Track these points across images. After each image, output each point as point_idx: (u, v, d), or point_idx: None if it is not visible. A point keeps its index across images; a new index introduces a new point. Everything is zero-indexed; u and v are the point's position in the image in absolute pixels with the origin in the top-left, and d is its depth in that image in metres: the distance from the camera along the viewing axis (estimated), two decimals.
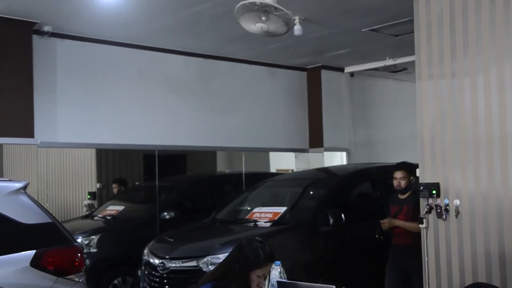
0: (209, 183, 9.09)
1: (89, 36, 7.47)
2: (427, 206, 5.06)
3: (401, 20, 6.94)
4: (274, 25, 5.54)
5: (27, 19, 6.69)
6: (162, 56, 8.18)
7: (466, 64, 4.87)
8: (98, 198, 8.21)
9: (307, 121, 9.85)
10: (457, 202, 4.89)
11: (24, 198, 4.53)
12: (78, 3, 6.22)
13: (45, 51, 7.11)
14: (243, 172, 8.99)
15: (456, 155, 4.92)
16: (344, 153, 10.01)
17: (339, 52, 8.72)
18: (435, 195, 4.99)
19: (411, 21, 5.39)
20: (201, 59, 8.58)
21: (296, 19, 6.56)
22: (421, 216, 5.12)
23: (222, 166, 9.78)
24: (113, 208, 7.93)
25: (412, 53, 5.35)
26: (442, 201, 4.98)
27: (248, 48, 8.32)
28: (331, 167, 8.41)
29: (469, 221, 4.83)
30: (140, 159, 8.61)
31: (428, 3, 5.10)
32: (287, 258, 4.60)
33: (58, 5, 6.28)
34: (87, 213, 8.04)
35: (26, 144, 6.94)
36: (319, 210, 6.33)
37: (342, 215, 6.17)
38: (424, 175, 5.13)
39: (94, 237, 7.01)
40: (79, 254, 4.64)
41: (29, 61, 6.80)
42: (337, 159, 9.97)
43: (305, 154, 9.82)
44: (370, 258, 6.23)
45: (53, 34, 7.11)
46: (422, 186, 5.08)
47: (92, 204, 8.14)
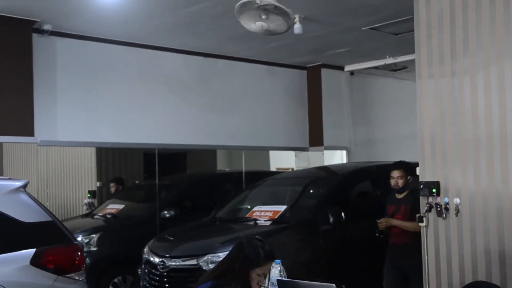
0: (209, 182, 9.09)
1: (89, 35, 7.46)
2: (427, 205, 5.06)
3: (401, 19, 6.94)
4: (274, 24, 5.53)
5: (27, 18, 6.68)
6: (162, 55, 8.18)
7: (466, 63, 4.87)
8: (98, 197, 8.22)
9: (307, 120, 9.85)
10: (457, 201, 4.89)
11: (24, 197, 4.54)
12: (78, 2, 6.22)
13: (45, 50, 7.11)
14: (243, 171, 8.99)
15: (456, 154, 4.92)
16: (344, 152, 10.01)
17: (339, 51, 8.72)
18: (435, 194, 4.99)
19: (411, 20, 5.38)
20: (201, 58, 8.58)
21: (296, 18, 6.56)
22: (421, 215, 5.12)
23: (222, 165, 9.79)
24: (113, 207, 7.93)
25: (412, 52, 5.35)
26: (442, 200, 4.98)
27: (248, 47, 8.32)
28: (331, 166, 8.41)
29: (469, 220, 4.83)
30: (140, 158, 8.61)
31: (428, 2, 5.10)
32: (287, 257, 4.59)
33: (58, 4, 6.27)
34: (87, 212, 8.04)
35: (26, 143, 6.94)
36: (319, 209, 6.33)
37: (342, 214, 6.17)
38: (424, 174, 5.13)
39: (94, 236, 7.02)
40: (79, 253, 4.65)
41: (29, 60, 6.80)
42: (337, 158, 9.97)
43: (305, 153, 9.83)
44: (370, 257, 6.23)
45: (53, 33, 7.11)
46: (422, 185, 5.08)
47: (92, 203, 8.14)
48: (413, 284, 5.54)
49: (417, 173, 5.21)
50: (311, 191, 7.16)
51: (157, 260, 5.95)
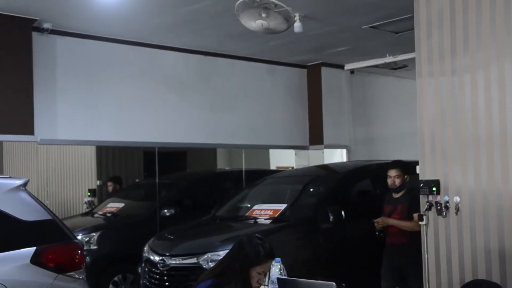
0: (209, 181, 9.09)
1: (89, 33, 7.46)
2: (427, 203, 5.05)
3: (401, 17, 6.94)
4: (274, 22, 5.54)
5: (27, 16, 6.68)
6: (162, 53, 8.18)
7: (467, 61, 4.87)
8: (98, 195, 8.22)
9: (307, 118, 9.84)
10: (457, 199, 4.89)
11: (24, 195, 4.54)
12: (78, 0, 6.22)
13: (45, 48, 7.11)
14: (243, 169, 8.99)
15: (456, 152, 4.92)
16: (344, 150, 10.01)
17: (339, 49, 8.72)
18: (435, 192, 4.99)
19: (411, 18, 5.38)
20: (201, 56, 8.58)
21: (296, 16, 6.55)
22: (421, 213, 5.11)
23: (222, 163, 9.78)
24: (113, 205, 7.94)
25: (413, 50, 5.34)
26: (442, 198, 4.98)
27: (248, 45, 8.31)
28: (331, 164, 8.42)
29: (469, 218, 4.83)
30: (140, 157, 8.61)
31: (429, 0, 5.09)
32: (287, 255, 4.60)
33: (58, 2, 6.27)
34: (87, 210, 8.04)
35: (26, 141, 6.94)
36: (319, 207, 6.33)
37: (342, 212, 6.17)
38: (424, 172, 5.12)
39: (94, 234, 7.02)
40: (79, 251, 4.65)
41: (29, 59, 6.80)
42: (337, 156, 9.97)
43: (305, 151, 9.83)
44: (370, 255, 6.23)
45: (53, 31, 7.10)
46: (422, 183, 5.08)
47: (92, 201, 8.14)
48: (411, 284, 5.53)
49: (417, 172, 5.21)
50: (311, 190, 7.16)
51: (157, 259, 5.96)
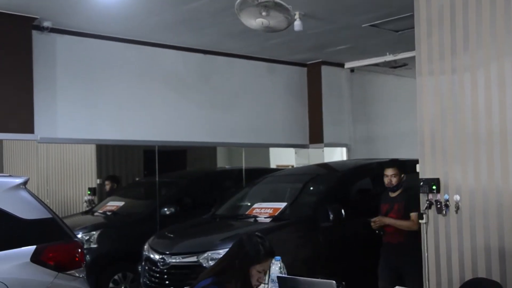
0: (209, 179, 9.09)
1: (89, 32, 7.46)
2: (427, 202, 5.05)
3: (402, 16, 6.93)
4: (275, 21, 5.53)
5: (27, 15, 6.68)
6: (162, 52, 8.18)
7: (467, 60, 4.86)
8: (98, 194, 8.22)
9: (307, 117, 9.84)
10: (457, 198, 4.89)
11: (24, 194, 4.54)
12: None
13: (45, 47, 7.11)
14: (243, 168, 9.00)
15: (456, 151, 4.92)
16: (344, 149, 10.01)
17: (339, 48, 8.71)
18: (435, 191, 4.99)
19: (412, 17, 5.38)
20: (201, 55, 8.57)
21: (297, 15, 6.55)
22: (421, 212, 5.12)
23: (222, 162, 9.78)
24: (113, 204, 7.94)
25: (413, 49, 5.35)
26: (442, 197, 4.98)
27: (248, 44, 8.31)
28: (331, 163, 8.42)
29: (469, 217, 4.83)
30: (140, 155, 8.60)
31: None
32: (287, 254, 4.60)
33: (58, 1, 6.27)
34: (87, 209, 8.04)
35: (26, 140, 6.94)
36: (319, 206, 6.33)
37: (342, 211, 6.17)
38: (424, 171, 5.12)
39: (95, 233, 7.02)
40: (80, 250, 4.65)
41: (29, 57, 6.80)
42: (337, 155, 9.97)
43: (305, 150, 9.83)
44: (370, 254, 6.23)
45: (53, 30, 7.11)
46: (422, 182, 5.08)
47: (92, 200, 8.14)
48: (408, 283, 5.51)
49: (417, 170, 5.21)
50: (311, 188, 7.16)
51: (157, 257, 5.96)
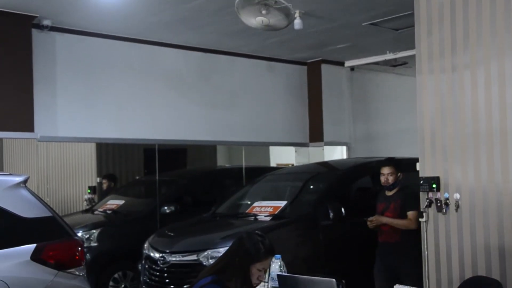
0: (209, 178, 9.09)
1: (89, 30, 7.46)
2: (427, 200, 5.06)
3: (402, 14, 6.93)
4: (275, 19, 5.53)
5: (27, 13, 6.68)
6: (162, 51, 8.18)
7: (467, 58, 4.86)
8: (98, 192, 8.22)
9: (307, 116, 9.84)
10: (457, 196, 4.89)
11: (25, 192, 4.54)
12: None
13: (45, 45, 7.11)
14: (243, 167, 9.00)
15: (456, 149, 4.92)
16: (344, 148, 10.01)
17: (340, 46, 8.71)
18: (435, 189, 4.99)
19: (412, 15, 5.37)
20: (201, 54, 8.57)
21: (297, 13, 6.54)
22: (421, 210, 5.12)
23: (222, 161, 9.79)
24: (114, 203, 7.94)
25: (413, 47, 5.34)
26: (442, 195, 4.98)
27: (248, 42, 8.31)
28: (331, 161, 8.41)
29: (469, 215, 4.83)
30: (140, 154, 8.60)
31: None
32: (287, 252, 4.60)
33: None
34: (88, 207, 8.05)
35: (26, 138, 6.94)
36: (319, 204, 6.33)
37: (342, 209, 6.16)
38: (424, 169, 5.12)
39: (95, 231, 7.02)
40: (80, 248, 4.65)
41: (29, 56, 6.80)
42: (337, 154, 9.97)
43: (305, 149, 9.83)
44: (370, 252, 6.23)
45: (53, 28, 7.10)
46: (422, 180, 5.08)
47: (93, 198, 8.14)
48: (405, 282, 5.48)
49: (417, 169, 5.21)
50: (311, 187, 7.16)
51: (158, 256, 5.96)
